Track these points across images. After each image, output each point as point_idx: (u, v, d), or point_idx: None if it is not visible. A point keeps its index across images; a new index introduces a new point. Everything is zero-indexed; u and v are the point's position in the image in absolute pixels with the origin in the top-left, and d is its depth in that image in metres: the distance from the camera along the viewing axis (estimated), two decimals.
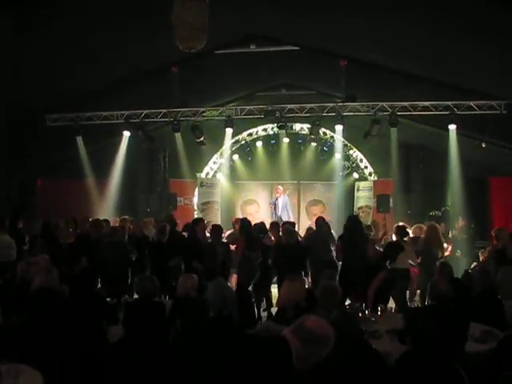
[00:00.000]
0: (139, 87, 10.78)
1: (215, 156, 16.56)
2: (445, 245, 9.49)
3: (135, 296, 6.21)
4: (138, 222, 11.43)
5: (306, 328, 2.51)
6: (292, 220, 13.08)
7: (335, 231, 10.47)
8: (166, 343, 4.62)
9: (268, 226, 10.10)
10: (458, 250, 10.69)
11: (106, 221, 10.77)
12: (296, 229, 11.02)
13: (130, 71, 10.14)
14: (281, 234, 9.37)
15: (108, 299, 6.15)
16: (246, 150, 16.57)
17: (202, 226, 9.58)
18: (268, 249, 9.19)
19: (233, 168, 16.54)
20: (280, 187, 15.11)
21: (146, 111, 12.38)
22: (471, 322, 5.13)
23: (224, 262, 7.67)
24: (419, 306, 7.31)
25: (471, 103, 11.07)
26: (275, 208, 14.80)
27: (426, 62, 9.54)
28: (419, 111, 11.73)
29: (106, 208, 13.71)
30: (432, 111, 11.60)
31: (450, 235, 11.30)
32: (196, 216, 14.38)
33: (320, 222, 9.65)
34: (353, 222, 8.69)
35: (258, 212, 15.95)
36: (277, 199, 14.89)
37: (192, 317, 5.22)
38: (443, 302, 4.98)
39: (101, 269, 7.27)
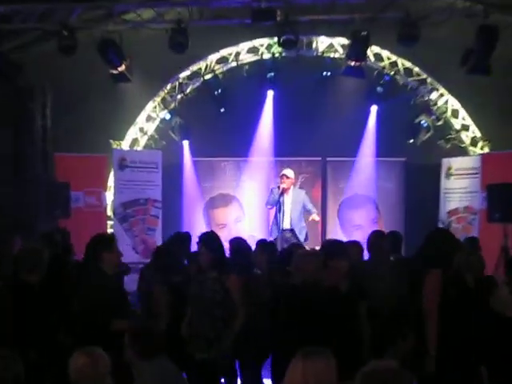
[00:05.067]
0: None
1: (150, 106, 10.39)
2: None
3: None
4: None
5: None
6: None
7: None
8: None
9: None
10: None
11: None
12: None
13: None
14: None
15: None
16: (214, 94, 9.68)
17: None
18: None
19: (185, 129, 10.05)
20: (288, 172, 8.44)
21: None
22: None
23: None
24: None
25: None
26: (279, 210, 8.29)
27: None
28: None
29: None
30: None
31: None
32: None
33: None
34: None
35: (241, 222, 10.13)
36: (282, 194, 8.26)
37: None
38: None
39: None
